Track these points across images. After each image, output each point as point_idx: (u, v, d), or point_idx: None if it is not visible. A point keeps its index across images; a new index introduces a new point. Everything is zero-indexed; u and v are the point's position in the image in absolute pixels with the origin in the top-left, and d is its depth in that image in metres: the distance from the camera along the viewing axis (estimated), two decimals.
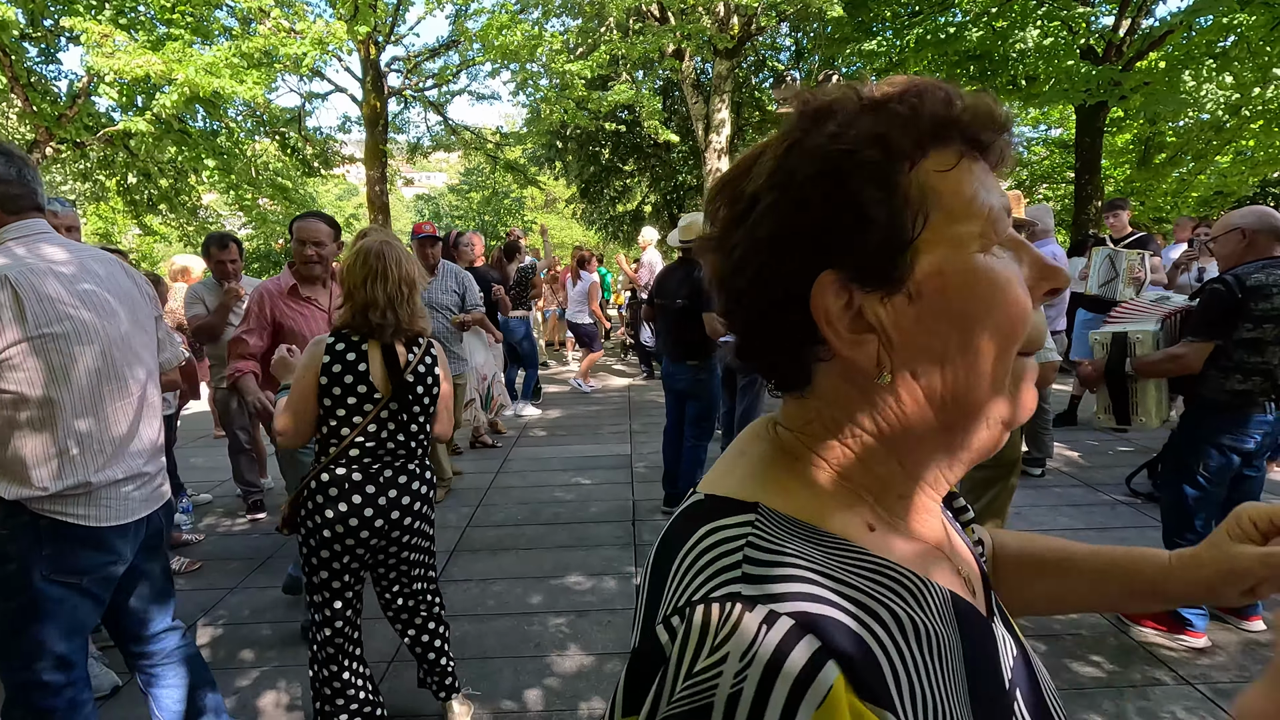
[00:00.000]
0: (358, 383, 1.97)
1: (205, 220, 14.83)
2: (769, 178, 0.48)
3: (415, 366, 2.05)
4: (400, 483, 2.05)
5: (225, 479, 4.80)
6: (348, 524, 1.98)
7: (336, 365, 1.97)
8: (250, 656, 2.78)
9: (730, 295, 0.52)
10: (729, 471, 0.53)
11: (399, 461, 2.06)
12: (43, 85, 10.97)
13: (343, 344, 1.99)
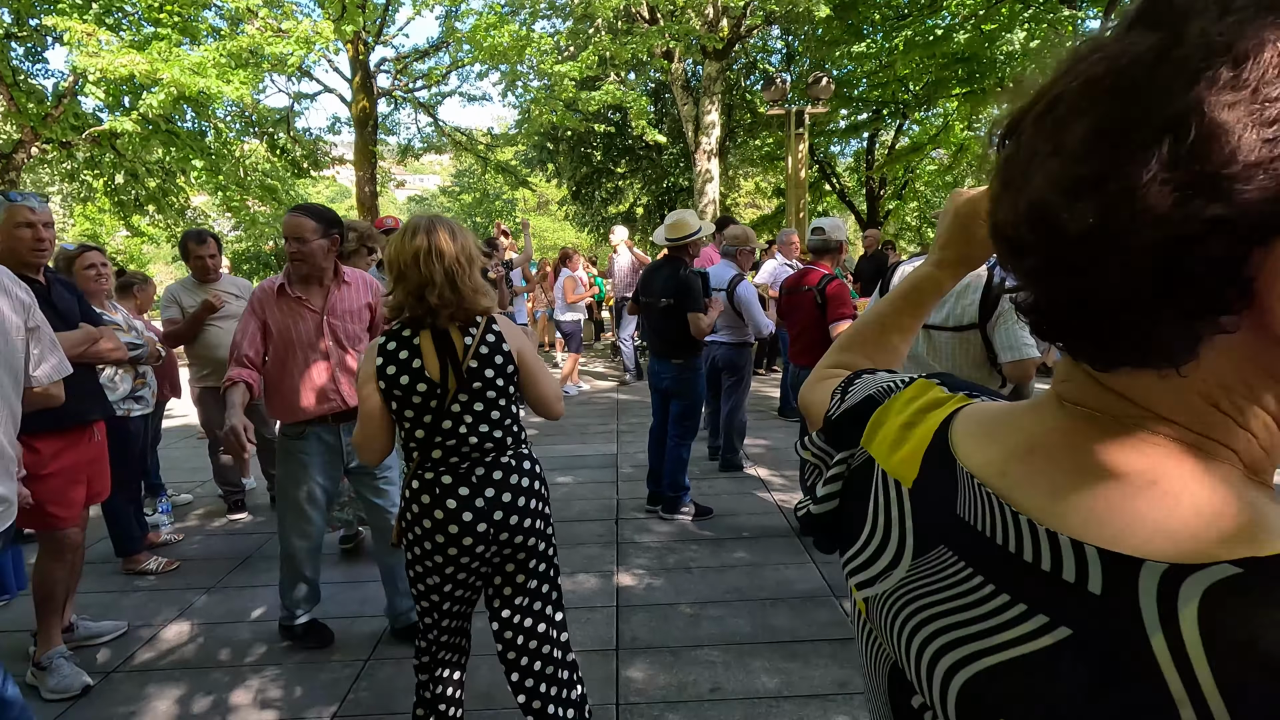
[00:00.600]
0: (416, 381, 1.77)
1: (193, 221, 14.75)
2: None
3: (476, 349, 1.81)
4: (496, 479, 1.82)
5: (206, 479, 4.77)
6: (446, 531, 1.78)
7: (391, 367, 1.78)
8: (226, 656, 2.76)
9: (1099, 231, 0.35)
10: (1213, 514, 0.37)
11: (489, 456, 1.83)
12: (28, 84, 10.89)
13: (394, 342, 1.80)
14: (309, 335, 2.63)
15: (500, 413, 1.84)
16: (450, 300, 1.76)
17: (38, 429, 2.45)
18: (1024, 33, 11.80)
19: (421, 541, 1.81)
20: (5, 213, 2.40)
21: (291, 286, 2.64)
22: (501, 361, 1.83)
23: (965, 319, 2.65)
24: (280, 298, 2.63)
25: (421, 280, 1.74)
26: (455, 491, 1.79)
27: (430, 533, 1.79)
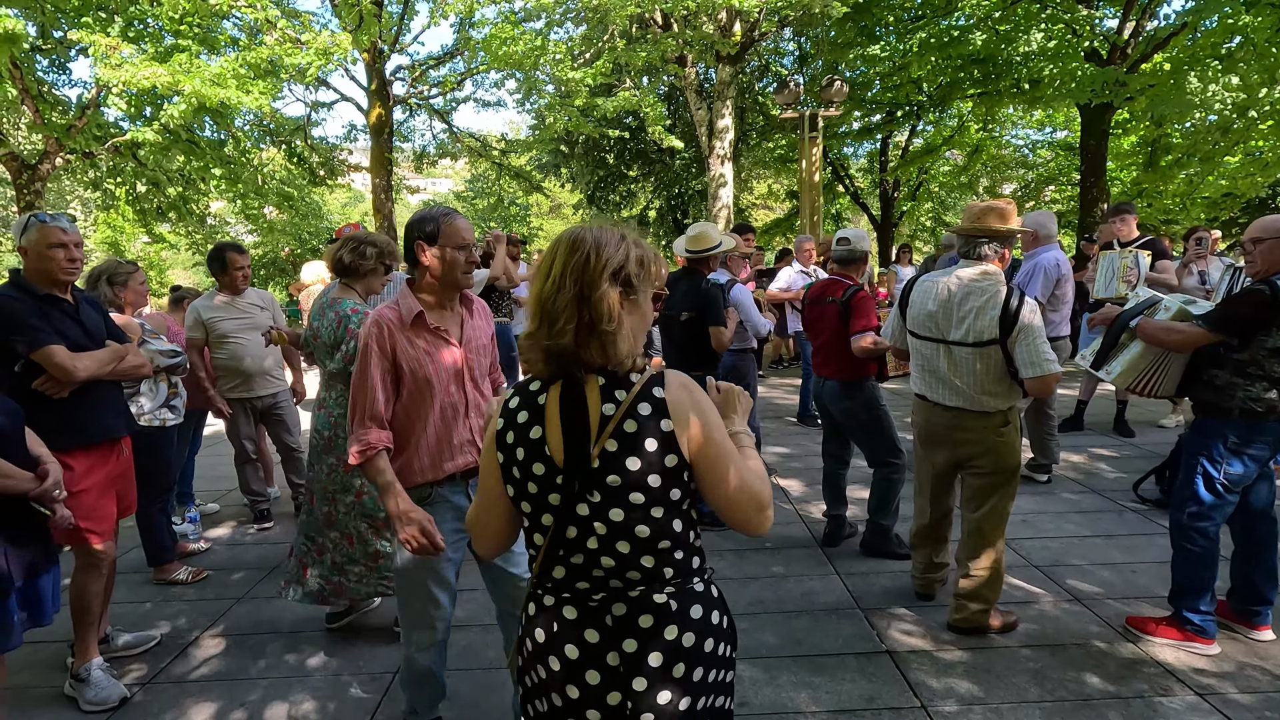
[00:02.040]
0: (533, 459, 1.21)
1: (213, 228, 14.95)
2: None
3: (619, 424, 1.17)
4: (643, 628, 1.20)
5: (232, 488, 4.83)
6: (564, 692, 1.22)
7: (510, 433, 1.24)
8: (258, 667, 2.80)
9: None
10: None
11: (634, 591, 1.20)
12: (53, 96, 11.10)
13: (517, 398, 1.26)
14: (447, 375, 2.04)
15: (653, 528, 1.19)
16: (601, 349, 1.16)
17: (69, 446, 2.51)
18: (1041, 33, 11.70)
19: (539, 695, 1.27)
20: (38, 233, 2.45)
21: (431, 314, 2.05)
22: (657, 449, 1.17)
23: (985, 335, 2.65)
24: (414, 328, 2.01)
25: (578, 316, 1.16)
26: (579, 635, 1.22)
27: (546, 686, 1.24)
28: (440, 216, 2.01)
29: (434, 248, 1.99)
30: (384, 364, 1.98)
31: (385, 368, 1.98)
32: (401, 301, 2.03)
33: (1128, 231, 5.31)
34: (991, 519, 2.79)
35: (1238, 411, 2.52)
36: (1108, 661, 2.62)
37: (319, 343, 2.92)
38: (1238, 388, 2.51)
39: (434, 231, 1.99)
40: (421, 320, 2.02)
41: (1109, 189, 13.08)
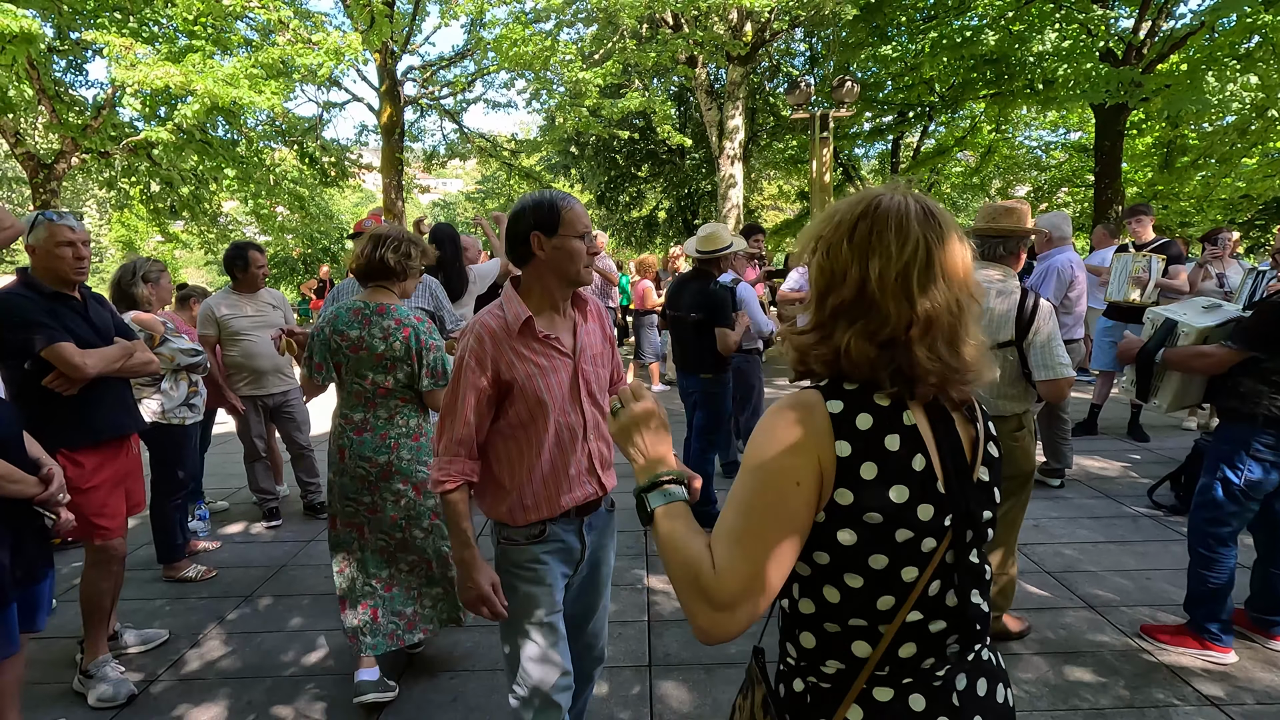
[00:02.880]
0: (919, 498, 0.92)
1: (225, 228, 15.07)
2: None
3: (985, 448, 1.01)
4: (982, 697, 0.99)
5: (241, 486, 4.85)
6: None
7: (869, 464, 0.91)
8: (266, 667, 2.80)
9: None
10: None
11: (971, 652, 0.99)
12: (69, 96, 11.22)
13: (868, 414, 0.92)
14: (562, 392, 1.72)
15: (978, 564, 0.99)
16: (955, 362, 0.94)
17: (79, 444, 2.53)
18: (1055, 33, 11.58)
19: None
20: (46, 231, 2.46)
21: (540, 319, 1.72)
22: (992, 479, 1.02)
23: (1001, 336, 2.62)
24: (521, 337, 1.69)
25: (916, 316, 0.91)
26: None
27: None
28: (559, 201, 1.68)
29: (554, 238, 1.65)
30: (481, 383, 1.66)
31: (483, 387, 1.66)
32: (506, 306, 1.70)
33: (1144, 233, 5.24)
34: (1004, 524, 2.75)
35: (1262, 418, 2.48)
36: (1123, 670, 2.58)
37: (361, 355, 2.41)
38: (1263, 395, 2.47)
39: (554, 219, 1.65)
40: (530, 328, 1.68)
41: (1124, 191, 12.94)
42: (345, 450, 2.45)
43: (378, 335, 2.41)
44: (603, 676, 2.64)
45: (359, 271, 2.52)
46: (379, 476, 2.45)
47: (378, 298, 2.49)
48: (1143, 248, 5.16)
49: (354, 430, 2.46)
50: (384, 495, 2.47)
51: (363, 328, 2.42)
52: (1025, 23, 11.67)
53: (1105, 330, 5.51)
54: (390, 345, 2.41)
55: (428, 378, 2.46)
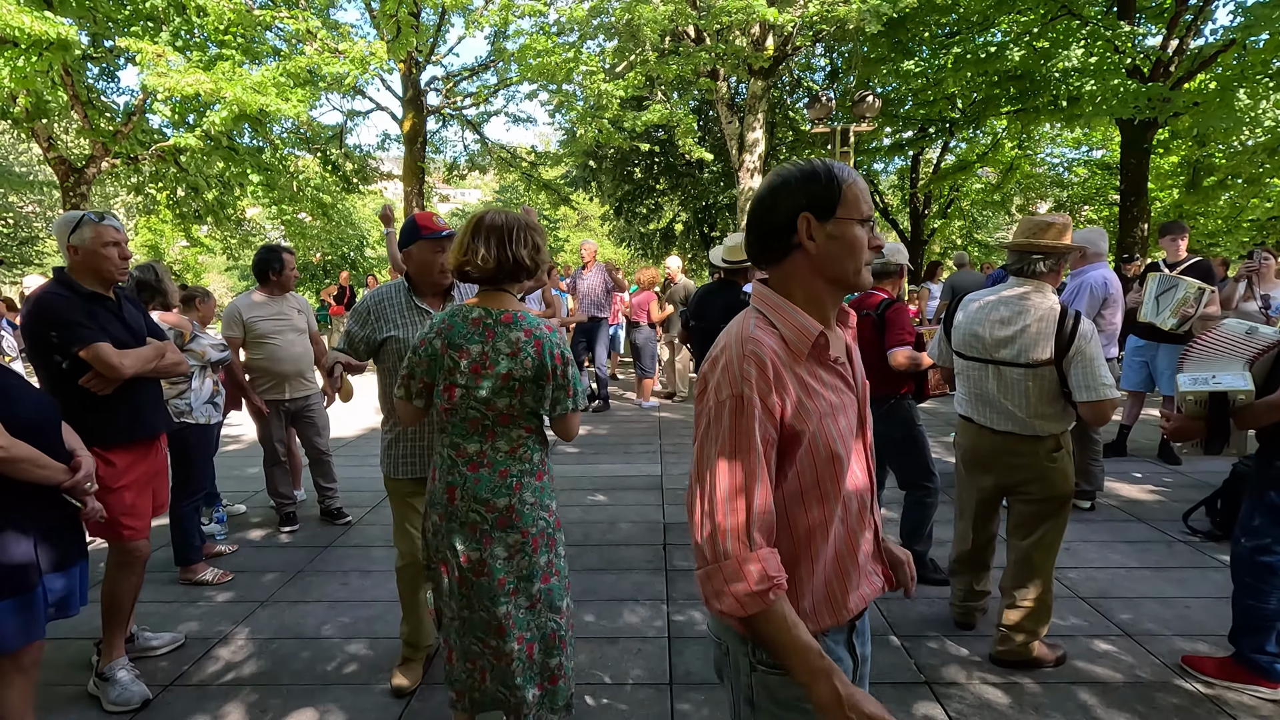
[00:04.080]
0: None
1: (249, 233, 15.27)
2: None
3: None
4: None
5: (259, 489, 4.85)
6: None
7: None
8: (281, 673, 2.76)
9: None
10: None
11: None
12: (101, 103, 11.45)
13: None
14: (848, 437, 1.23)
15: None
16: None
17: (113, 442, 2.52)
18: (1080, 49, 11.49)
19: None
20: (93, 231, 2.47)
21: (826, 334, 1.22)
22: None
23: (1039, 355, 2.54)
24: (810, 363, 1.20)
25: None
26: None
27: None
28: (838, 173, 1.18)
29: (830, 223, 1.17)
30: (770, 432, 1.13)
31: (771, 439, 1.13)
32: (779, 316, 1.20)
33: (1176, 252, 5.13)
34: (1041, 548, 2.67)
35: None
36: (1161, 703, 2.48)
37: (483, 375, 1.92)
38: None
39: (832, 198, 1.17)
40: (822, 348, 1.20)
41: (1149, 209, 12.76)
42: (456, 489, 1.97)
43: (504, 350, 1.92)
44: (622, 695, 2.58)
45: (483, 274, 1.96)
46: (495, 524, 1.96)
47: (500, 303, 2.00)
48: (1174, 267, 5.04)
49: (468, 464, 1.97)
50: (495, 551, 1.97)
51: (485, 341, 1.93)
52: (1050, 39, 11.60)
53: (1136, 350, 5.39)
54: (519, 362, 1.92)
55: (567, 400, 1.97)
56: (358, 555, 3.94)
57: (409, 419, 2.07)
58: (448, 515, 1.99)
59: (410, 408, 2.03)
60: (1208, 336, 2.58)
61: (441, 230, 2.48)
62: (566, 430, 2.04)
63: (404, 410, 2.04)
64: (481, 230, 1.96)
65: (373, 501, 4.86)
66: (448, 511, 1.99)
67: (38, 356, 2.45)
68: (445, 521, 2.00)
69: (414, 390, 2.00)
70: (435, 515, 2.03)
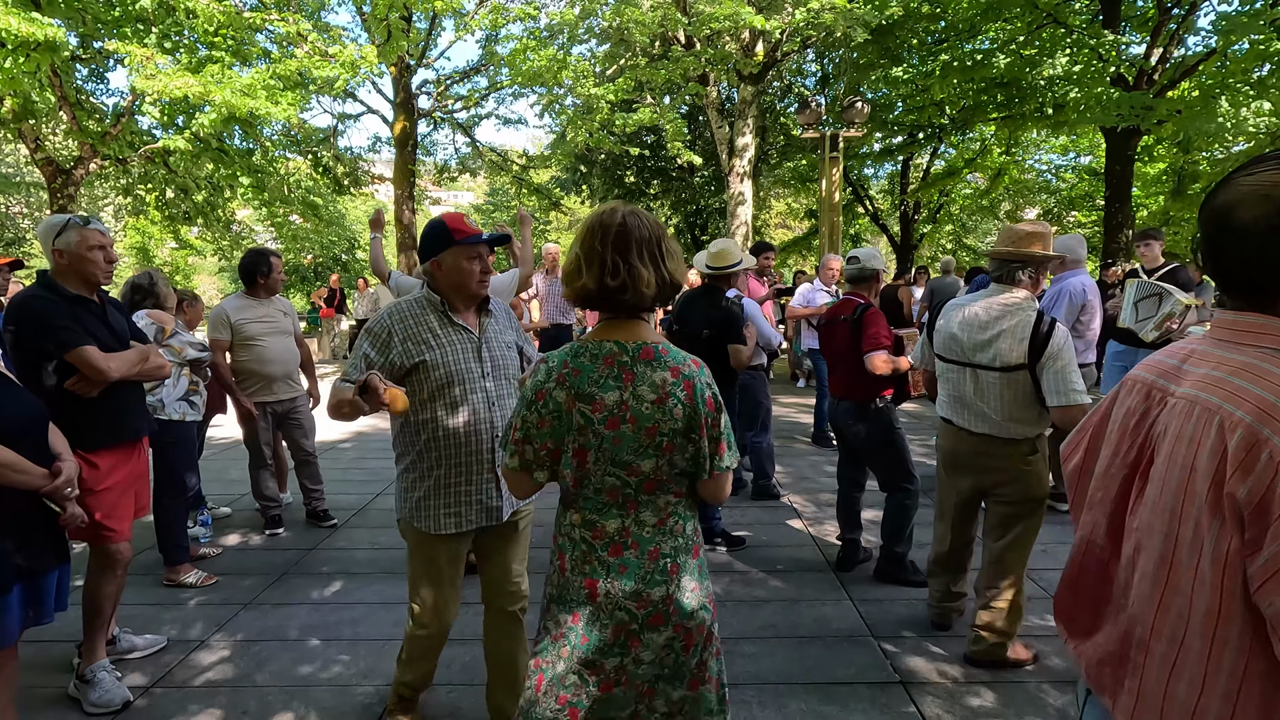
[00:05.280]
0: None
1: (238, 235, 15.23)
2: None
3: None
4: None
5: (244, 492, 4.85)
6: None
7: None
8: (263, 675, 2.77)
9: None
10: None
11: None
12: (90, 104, 11.40)
13: None
14: None
15: None
16: None
17: (96, 445, 2.54)
18: (1066, 58, 11.64)
19: None
20: (79, 234, 2.49)
21: None
22: None
23: (1013, 360, 2.59)
24: None
25: None
26: None
27: None
28: None
29: None
30: None
31: None
32: None
33: (1153, 258, 5.21)
34: (1014, 549, 2.71)
35: None
36: None
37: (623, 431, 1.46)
38: None
39: None
40: None
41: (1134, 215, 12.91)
42: (599, 583, 1.50)
43: (648, 396, 1.46)
44: None
45: (635, 301, 1.48)
46: (646, 622, 1.50)
47: (636, 334, 1.52)
48: (1152, 273, 5.12)
49: (608, 549, 1.51)
50: (641, 655, 1.51)
51: (623, 385, 1.46)
52: (1036, 47, 11.75)
53: (1116, 355, 5.47)
54: (667, 411, 1.46)
55: (722, 456, 1.52)
56: (343, 558, 3.95)
57: (523, 493, 1.61)
58: (590, 618, 1.50)
59: (528, 482, 1.55)
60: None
61: (479, 234, 2.12)
62: (719, 493, 1.57)
63: (519, 485, 1.57)
64: (630, 242, 1.47)
65: (359, 504, 4.86)
66: (590, 613, 1.50)
67: (21, 359, 2.46)
68: (586, 624, 1.50)
69: (532, 458, 1.51)
70: (566, 617, 1.53)
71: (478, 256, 2.10)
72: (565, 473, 1.51)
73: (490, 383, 2.12)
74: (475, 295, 2.13)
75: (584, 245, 1.49)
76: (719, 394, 1.54)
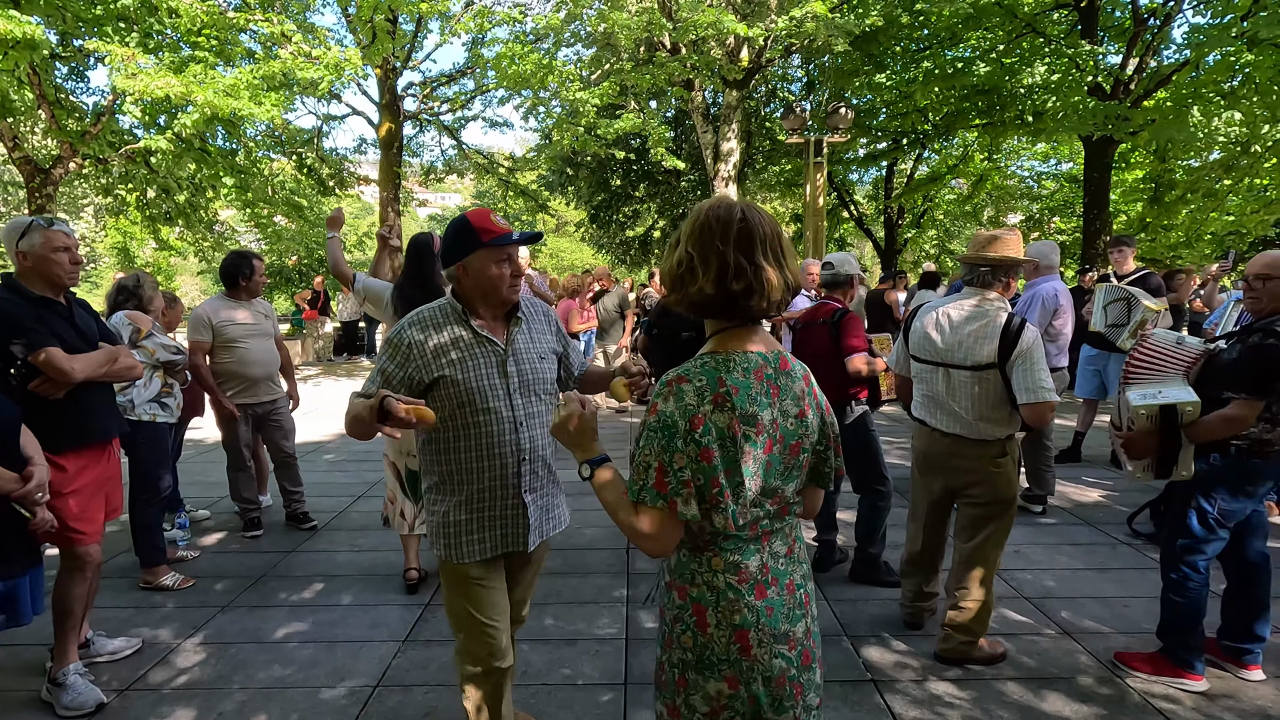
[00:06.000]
0: None
1: (221, 235, 15.10)
2: None
3: None
4: None
5: (223, 495, 4.82)
6: None
7: None
8: (238, 678, 2.77)
9: None
10: None
11: None
12: (69, 102, 11.27)
13: None
14: None
15: None
16: None
17: (64, 446, 2.53)
18: (1044, 67, 11.84)
19: None
20: (43, 236, 2.48)
21: None
22: None
23: (984, 358, 2.65)
24: None
25: None
26: None
27: None
28: None
29: None
30: None
31: None
32: None
33: (1125, 264, 5.32)
34: (984, 550, 2.77)
35: (1235, 449, 2.50)
36: (1095, 697, 2.59)
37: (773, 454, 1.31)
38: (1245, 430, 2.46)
39: None
40: None
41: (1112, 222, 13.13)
42: (750, 632, 1.29)
43: (792, 411, 1.33)
44: (578, 695, 2.64)
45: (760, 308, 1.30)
46: (800, 663, 1.34)
47: (767, 342, 1.36)
48: (1123, 279, 5.23)
49: (753, 591, 1.30)
50: (808, 699, 1.36)
51: (773, 402, 1.31)
52: (1016, 56, 11.94)
53: (1089, 359, 5.57)
54: (807, 425, 1.35)
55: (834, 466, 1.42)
56: (321, 560, 3.94)
57: (666, 545, 1.28)
58: (744, 677, 1.29)
59: (674, 526, 1.26)
60: (1143, 349, 2.69)
61: (509, 233, 1.86)
62: (815, 504, 1.47)
63: (665, 532, 1.27)
64: (754, 240, 1.28)
65: (339, 507, 4.86)
66: (743, 671, 1.29)
67: None
68: (746, 684, 1.29)
69: (681, 493, 1.24)
70: (719, 685, 1.30)
71: (508, 258, 1.85)
72: (728, 510, 1.26)
73: (518, 399, 1.89)
74: (506, 302, 1.90)
75: (698, 244, 1.29)
76: None
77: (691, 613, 1.31)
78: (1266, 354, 2.40)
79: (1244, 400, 2.41)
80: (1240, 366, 2.44)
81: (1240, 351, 2.47)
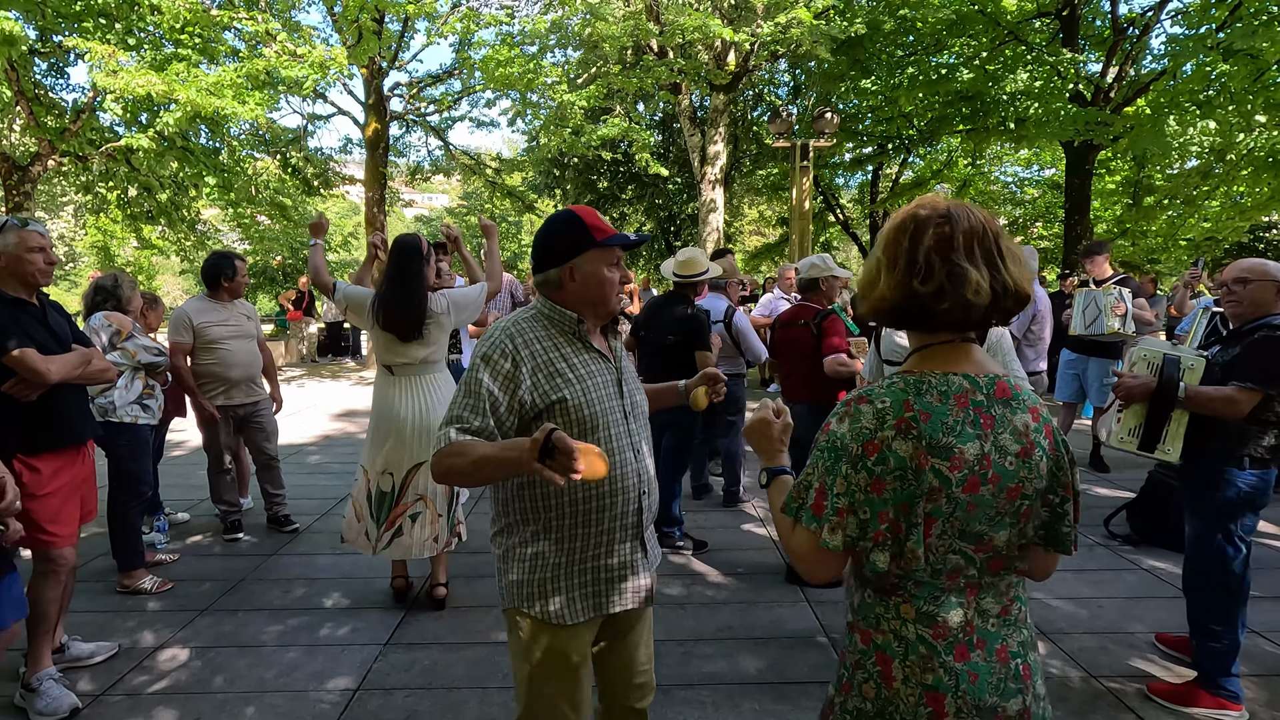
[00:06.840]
0: None
1: (204, 235, 14.93)
2: None
3: None
4: None
5: (203, 498, 4.78)
6: None
7: None
8: (217, 681, 2.75)
9: None
10: None
11: None
12: (48, 99, 11.12)
13: None
14: None
15: None
16: None
17: (38, 449, 2.50)
18: (1026, 74, 12.00)
19: None
20: (17, 236, 2.46)
21: None
22: None
23: None
24: None
25: None
26: None
27: None
28: None
29: None
30: None
31: None
32: None
33: (1099, 270, 5.41)
34: None
35: (1248, 460, 2.44)
36: (1070, 696, 2.63)
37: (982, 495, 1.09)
38: (1250, 435, 2.42)
39: None
40: None
41: (1093, 227, 13.32)
42: (946, 699, 1.10)
43: (1012, 448, 1.11)
44: None
45: (962, 317, 1.11)
46: None
47: (980, 363, 1.16)
48: (1101, 283, 5.32)
49: (952, 651, 1.12)
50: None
51: (984, 435, 1.10)
52: (999, 63, 12.09)
53: (1068, 363, 5.66)
54: (1033, 466, 1.12)
55: (1073, 522, 1.18)
56: (303, 563, 3.92)
57: (816, 571, 1.15)
58: None
59: (825, 553, 1.12)
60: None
61: (624, 235, 1.65)
62: (1047, 569, 1.24)
63: (828, 569, 1.15)
64: (952, 236, 1.09)
65: (320, 509, 4.83)
66: None
67: None
68: None
69: (857, 533, 1.11)
70: None
71: (617, 263, 1.64)
72: (916, 551, 1.09)
73: (634, 424, 1.64)
74: (613, 312, 1.66)
75: (890, 244, 1.14)
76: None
77: (875, 662, 1.15)
78: (1266, 345, 2.36)
79: (1247, 388, 2.35)
80: (1246, 358, 2.39)
81: (1243, 347, 2.43)
